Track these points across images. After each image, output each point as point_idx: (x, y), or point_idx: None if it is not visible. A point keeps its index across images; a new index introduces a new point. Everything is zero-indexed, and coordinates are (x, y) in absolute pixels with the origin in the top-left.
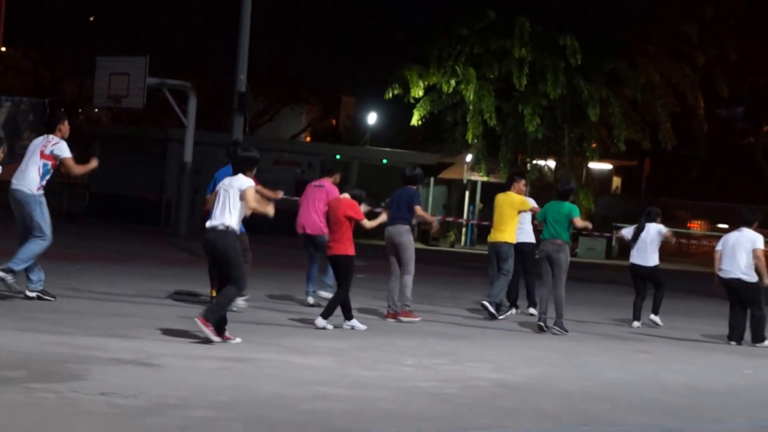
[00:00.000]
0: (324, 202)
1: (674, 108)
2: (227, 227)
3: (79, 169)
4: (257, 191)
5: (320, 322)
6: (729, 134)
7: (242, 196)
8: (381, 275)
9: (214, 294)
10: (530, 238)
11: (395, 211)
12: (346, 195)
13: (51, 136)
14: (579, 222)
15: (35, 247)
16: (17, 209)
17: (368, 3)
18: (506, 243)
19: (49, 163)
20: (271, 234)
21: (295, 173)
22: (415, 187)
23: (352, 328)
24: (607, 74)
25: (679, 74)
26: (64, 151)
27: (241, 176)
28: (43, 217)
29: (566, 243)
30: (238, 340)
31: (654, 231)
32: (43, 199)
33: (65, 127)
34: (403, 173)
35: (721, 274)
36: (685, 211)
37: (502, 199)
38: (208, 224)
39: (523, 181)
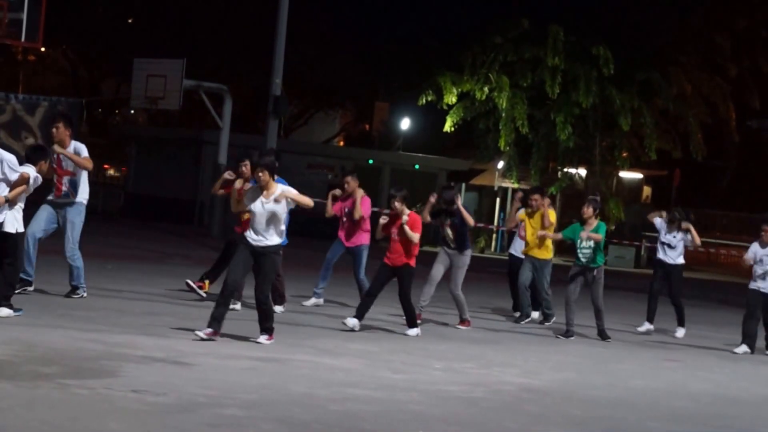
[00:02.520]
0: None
1: (705, 119)
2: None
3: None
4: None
5: (351, 321)
6: (760, 145)
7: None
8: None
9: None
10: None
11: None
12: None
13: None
14: (584, 234)
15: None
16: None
17: (403, 9)
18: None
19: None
20: (307, 236)
21: (328, 177)
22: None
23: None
24: (639, 84)
25: (711, 85)
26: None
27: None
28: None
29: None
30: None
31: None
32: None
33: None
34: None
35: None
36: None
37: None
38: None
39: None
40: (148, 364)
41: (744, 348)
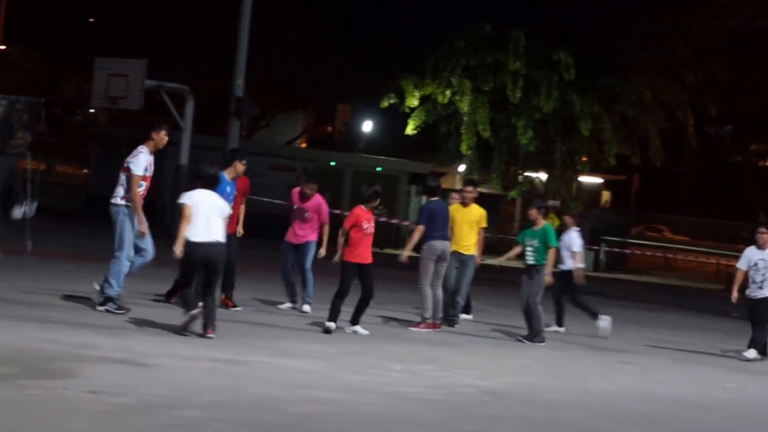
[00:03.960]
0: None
1: (664, 125)
2: None
3: (133, 192)
4: None
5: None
6: (717, 152)
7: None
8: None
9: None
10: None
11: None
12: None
13: (141, 146)
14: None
15: (115, 265)
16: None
17: (366, 12)
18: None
19: (124, 175)
20: (262, 237)
21: (290, 178)
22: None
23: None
24: (599, 89)
25: (670, 92)
26: (135, 165)
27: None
28: (122, 231)
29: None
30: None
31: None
32: (126, 211)
33: (159, 136)
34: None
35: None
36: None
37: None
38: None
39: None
40: (108, 365)
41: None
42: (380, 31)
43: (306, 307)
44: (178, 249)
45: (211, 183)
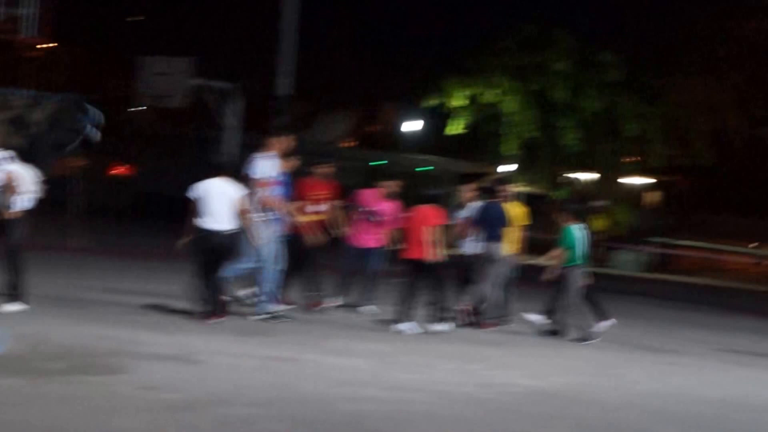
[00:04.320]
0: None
1: (711, 125)
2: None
3: (263, 198)
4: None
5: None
6: (766, 153)
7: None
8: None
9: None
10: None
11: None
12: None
13: (259, 153)
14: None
15: (263, 275)
16: None
17: (413, 12)
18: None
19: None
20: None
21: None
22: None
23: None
24: (646, 90)
25: (717, 92)
26: (255, 170)
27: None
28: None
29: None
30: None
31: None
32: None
33: (275, 142)
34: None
35: None
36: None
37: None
38: None
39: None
40: (159, 361)
41: None
42: (427, 31)
43: (370, 308)
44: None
45: (221, 171)
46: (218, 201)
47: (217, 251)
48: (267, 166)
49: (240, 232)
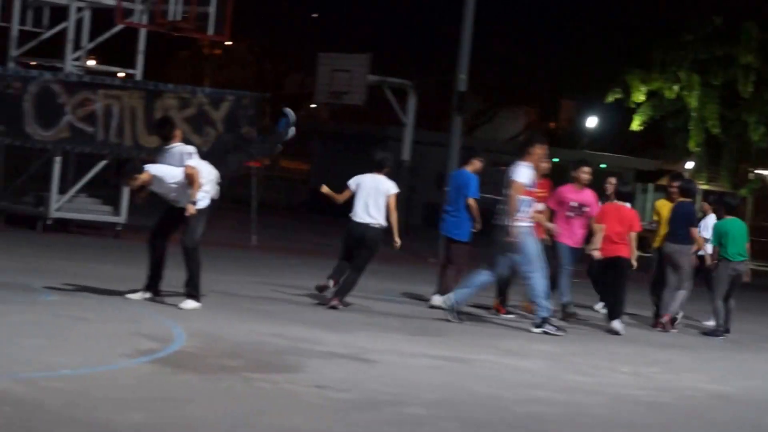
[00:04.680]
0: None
1: None
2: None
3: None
4: None
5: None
6: None
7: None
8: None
9: None
10: None
11: (676, 227)
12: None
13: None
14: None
15: (534, 285)
16: None
17: (592, 5)
18: None
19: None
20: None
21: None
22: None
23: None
24: None
25: None
26: (517, 176)
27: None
28: (527, 249)
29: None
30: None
31: None
32: (526, 230)
33: (535, 150)
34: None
35: None
36: None
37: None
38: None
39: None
40: (332, 360)
41: None
42: (607, 25)
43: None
44: None
45: (377, 167)
46: (369, 195)
47: (362, 243)
48: (528, 174)
49: (382, 228)
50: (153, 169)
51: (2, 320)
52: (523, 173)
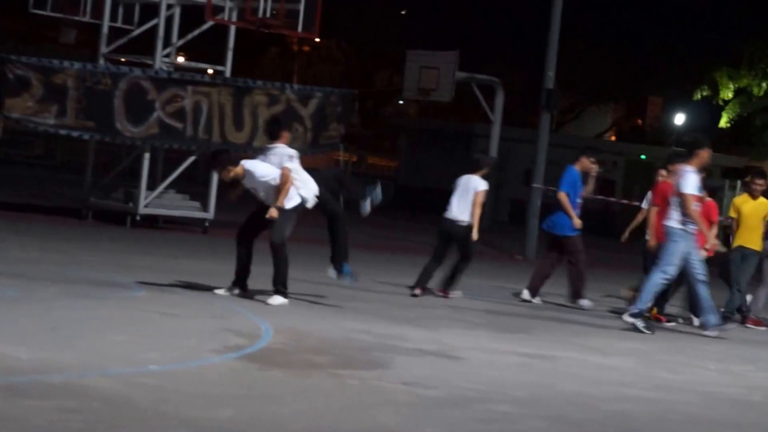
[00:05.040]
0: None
1: None
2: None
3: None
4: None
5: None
6: None
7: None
8: None
9: None
10: None
11: None
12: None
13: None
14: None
15: (653, 277)
16: None
17: (679, 3)
18: None
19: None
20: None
21: (600, 172)
22: None
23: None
24: None
25: None
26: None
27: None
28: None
29: None
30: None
31: None
32: (682, 234)
33: (702, 153)
34: None
35: None
36: None
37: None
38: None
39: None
40: (419, 357)
41: None
42: (695, 22)
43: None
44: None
45: (474, 167)
46: (462, 194)
47: (453, 240)
48: (696, 182)
49: (469, 225)
50: (247, 164)
51: (91, 316)
52: (692, 182)
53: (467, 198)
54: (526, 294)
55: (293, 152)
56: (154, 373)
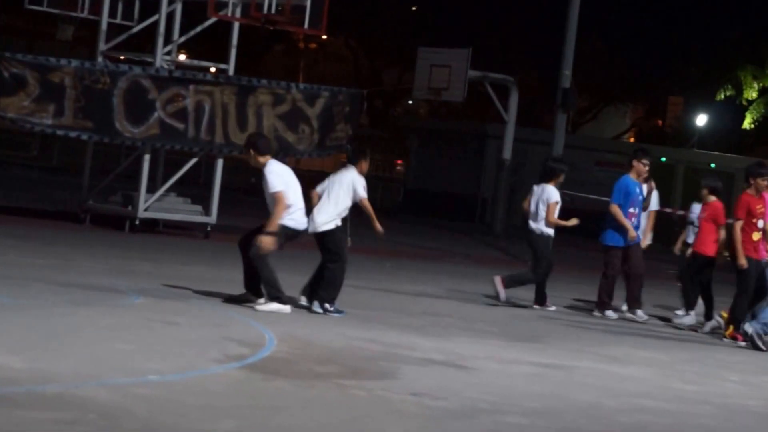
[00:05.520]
0: None
1: None
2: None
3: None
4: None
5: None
6: None
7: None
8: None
9: None
10: None
11: None
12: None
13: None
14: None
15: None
16: None
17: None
18: None
19: None
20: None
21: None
22: None
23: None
24: None
25: None
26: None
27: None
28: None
29: None
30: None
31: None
32: None
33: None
34: None
35: None
36: None
37: None
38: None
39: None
40: (427, 367)
41: None
42: (718, 18)
43: None
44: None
45: (547, 176)
46: (536, 203)
47: (530, 247)
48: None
49: (543, 235)
50: (271, 165)
51: (88, 323)
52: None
53: (541, 208)
54: (628, 312)
55: (360, 181)
56: (153, 384)
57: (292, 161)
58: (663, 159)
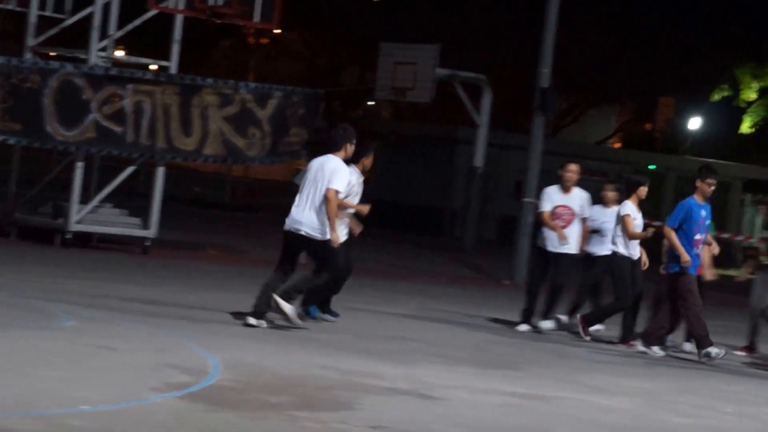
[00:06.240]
0: None
1: None
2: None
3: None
4: None
5: None
6: None
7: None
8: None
9: None
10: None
11: None
12: None
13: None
14: None
15: None
16: None
17: None
18: None
19: None
20: None
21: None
22: None
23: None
24: None
25: None
26: None
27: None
28: None
29: None
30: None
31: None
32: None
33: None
34: None
35: None
36: None
37: None
38: None
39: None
40: (390, 396)
41: None
42: (713, 13)
43: None
44: None
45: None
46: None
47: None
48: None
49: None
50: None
51: (13, 348)
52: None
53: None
54: (687, 346)
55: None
56: (85, 414)
57: (241, 169)
58: (652, 167)
